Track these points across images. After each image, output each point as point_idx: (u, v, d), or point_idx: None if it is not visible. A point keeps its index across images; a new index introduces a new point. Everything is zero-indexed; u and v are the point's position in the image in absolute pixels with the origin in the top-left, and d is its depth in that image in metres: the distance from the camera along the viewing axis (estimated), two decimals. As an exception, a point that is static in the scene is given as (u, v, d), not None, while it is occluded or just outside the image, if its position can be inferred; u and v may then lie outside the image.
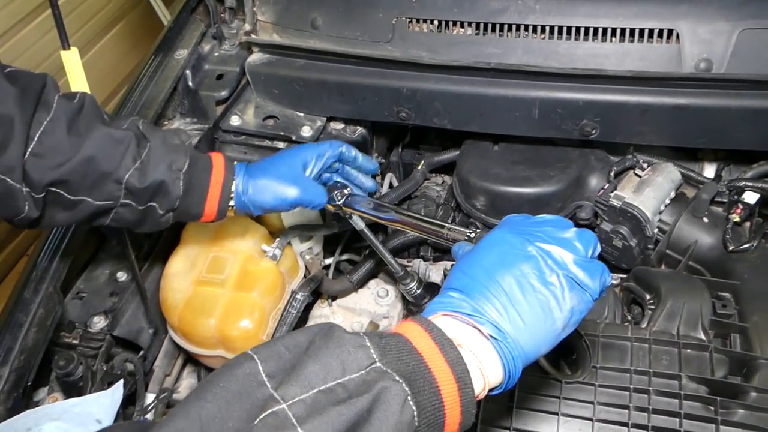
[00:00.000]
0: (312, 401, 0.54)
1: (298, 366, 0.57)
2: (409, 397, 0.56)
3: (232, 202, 1.03)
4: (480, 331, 0.64)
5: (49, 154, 0.86)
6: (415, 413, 0.56)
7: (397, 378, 0.57)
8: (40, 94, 0.86)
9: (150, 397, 1.23)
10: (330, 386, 0.55)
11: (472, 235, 0.82)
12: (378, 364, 0.57)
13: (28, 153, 0.84)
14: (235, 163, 1.06)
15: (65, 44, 1.07)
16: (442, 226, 0.87)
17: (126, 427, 0.62)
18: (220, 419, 0.54)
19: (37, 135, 0.85)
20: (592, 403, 0.94)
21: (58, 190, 0.88)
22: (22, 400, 1.08)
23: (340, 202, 1.02)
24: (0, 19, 2.57)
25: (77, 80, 1.08)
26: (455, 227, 0.85)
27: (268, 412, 0.53)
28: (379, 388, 0.56)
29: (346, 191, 1.02)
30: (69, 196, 0.89)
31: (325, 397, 0.54)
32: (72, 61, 1.07)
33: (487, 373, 0.64)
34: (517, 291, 0.66)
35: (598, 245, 0.74)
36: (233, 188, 1.02)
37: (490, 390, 0.65)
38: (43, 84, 0.88)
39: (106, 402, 1.08)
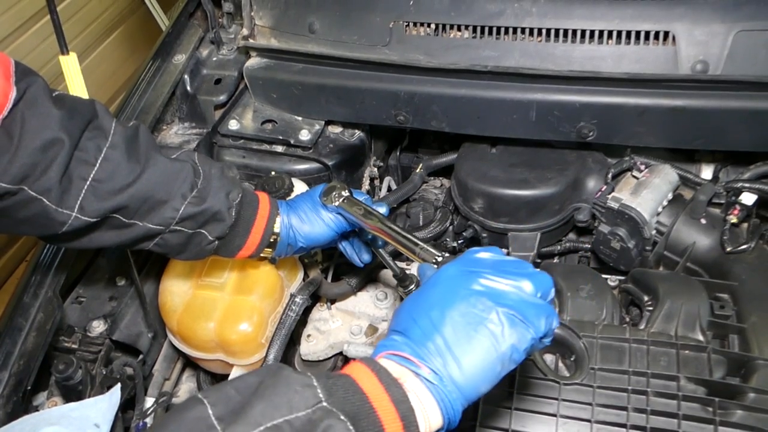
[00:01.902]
0: None
1: (246, 406, 0.58)
2: None
3: (274, 237, 1.05)
4: (419, 374, 0.65)
5: (109, 180, 0.87)
6: None
7: (342, 417, 0.58)
8: (91, 120, 0.87)
9: (149, 401, 1.23)
10: (277, 423, 0.57)
11: (440, 259, 0.83)
12: (324, 404, 0.59)
13: (90, 179, 0.85)
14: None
15: (64, 49, 1.07)
16: (416, 245, 0.88)
17: None
18: None
19: (99, 161, 0.86)
20: (590, 404, 0.94)
21: (114, 215, 0.89)
22: (21, 404, 1.08)
23: (336, 204, 1.03)
24: (0, 24, 2.58)
25: (76, 85, 1.09)
26: (427, 248, 0.86)
27: None
28: (324, 426, 0.57)
29: (344, 193, 1.03)
30: (124, 220, 0.91)
31: None
32: (71, 66, 1.08)
33: (428, 415, 0.65)
34: (454, 332, 0.66)
35: (552, 291, 0.73)
36: (278, 222, 1.05)
37: None
38: (93, 109, 0.89)
39: (104, 406, 1.08)
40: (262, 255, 1.07)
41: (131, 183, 0.88)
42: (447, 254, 0.83)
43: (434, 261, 0.84)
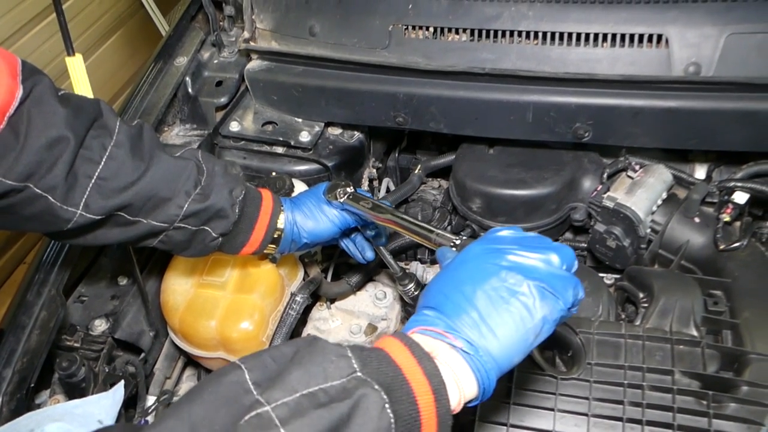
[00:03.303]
0: (295, 404, 0.57)
1: (283, 373, 0.60)
2: (386, 405, 0.59)
3: (278, 233, 1.07)
4: (454, 346, 0.67)
5: (114, 178, 0.88)
6: (393, 421, 0.59)
7: (376, 387, 0.60)
8: (96, 119, 0.88)
9: (151, 400, 1.24)
10: (312, 391, 0.58)
11: (458, 242, 0.85)
12: (358, 373, 0.60)
13: (95, 177, 0.86)
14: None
15: (70, 50, 1.08)
16: (432, 231, 0.90)
17: (121, 428, 0.65)
18: (209, 421, 0.57)
19: (104, 159, 0.87)
20: (587, 398, 0.95)
21: (119, 213, 0.91)
22: (24, 401, 1.09)
23: (341, 200, 1.04)
24: (2, 25, 2.59)
25: (81, 86, 1.10)
26: (443, 233, 0.88)
27: (252, 413, 0.56)
28: (359, 395, 0.58)
29: (348, 189, 1.05)
30: (128, 217, 0.92)
31: (307, 401, 0.57)
32: (76, 67, 1.09)
33: (463, 386, 0.66)
34: (488, 305, 0.68)
35: (576, 262, 0.75)
36: (282, 218, 1.07)
37: (467, 402, 0.68)
38: (98, 108, 0.90)
39: (107, 403, 1.09)
40: (265, 252, 1.08)
41: (135, 181, 0.90)
42: (465, 237, 0.84)
43: (452, 244, 0.85)
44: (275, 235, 1.07)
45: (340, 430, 0.57)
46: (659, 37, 1.14)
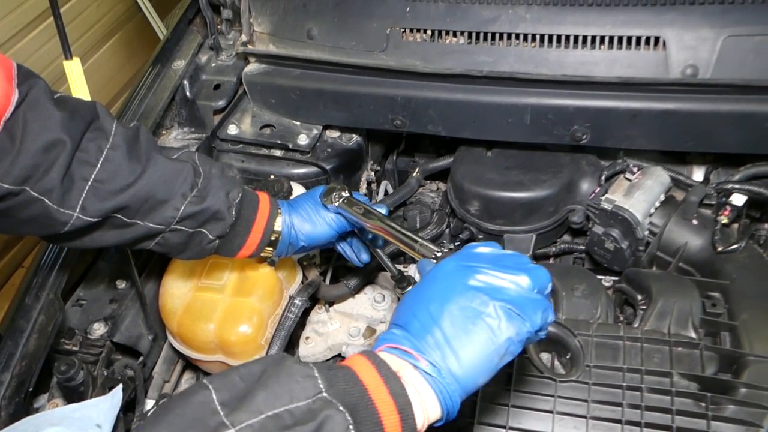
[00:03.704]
0: (260, 426, 0.57)
1: (249, 394, 0.60)
2: (351, 427, 0.60)
3: (275, 236, 1.07)
4: (418, 367, 0.67)
5: (110, 180, 0.88)
6: None
7: (341, 408, 0.60)
8: (92, 121, 0.88)
9: (149, 403, 1.24)
10: (277, 413, 0.59)
11: (438, 254, 0.85)
12: (324, 394, 0.61)
13: (91, 179, 0.86)
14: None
15: (68, 54, 1.08)
16: (416, 241, 0.90)
17: None
18: None
19: (100, 162, 0.87)
20: (586, 401, 0.95)
21: (116, 215, 0.91)
22: (23, 405, 1.08)
23: (336, 204, 1.05)
24: (0, 28, 2.59)
25: (79, 89, 1.10)
26: (427, 244, 0.89)
27: None
28: (323, 417, 0.59)
29: (344, 193, 1.05)
30: (125, 219, 0.92)
31: (272, 423, 0.58)
32: (74, 70, 1.09)
33: (427, 407, 0.66)
34: (452, 325, 0.68)
35: (550, 285, 0.75)
36: (279, 221, 1.07)
37: (431, 424, 0.68)
38: (94, 111, 0.90)
39: (106, 407, 1.09)
40: (262, 254, 1.08)
41: (132, 183, 0.89)
42: (446, 250, 0.85)
43: (434, 257, 0.85)
44: (272, 238, 1.07)
45: None
46: (656, 39, 1.15)
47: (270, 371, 0.63)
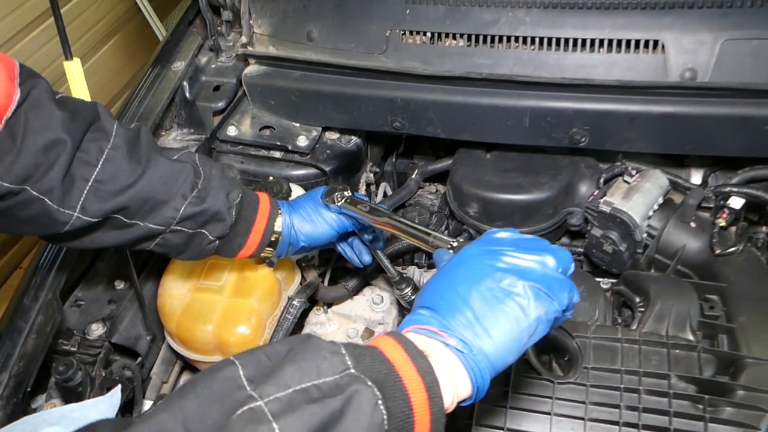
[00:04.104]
0: (287, 399, 0.57)
1: (276, 369, 0.60)
2: (379, 401, 0.59)
3: (275, 236, 1.07)
4: (448, 345, 0.67)
5: (111, 181, 0.88)
6: (385, 417, 0.59)
7: (369, 383, 0.60)
8: (93, 121, 0.89)
9: (148, 404, 1.24)
10: (305, 387, 0.58)
11: (455, 244, 0.85)
12: (351, 370, 0.61)
13: (92, 180, 0.86)
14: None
15: (68, 55, 1.09)
16: (429, 234, 0.91)
17: (112, 423, 0.64)
18: (201, 415, 0.57)
19: (101, 162, 0.87)
20: (584, 402, 0.96)
21: (116, 215, 0.91)
22: (21, 405, 1.08)
23: (339, 204, 1.05)
24: (0, 29, 2.59)
25: (79, 90, 1.10)
26: (440, 236, 0.89)
27: (245, 408, 0.56)
28: (352, 390, 0.59)
29: (346, 193, 1.05)
30: (125, 220, 0.92)
31: (300, 396, 0.57)
32: (74, 71, 1.09)
33: (456, 385, 0.66)
34: (483, 305, 0.68)
35: (572, 265, 0.75)
36: (279, 221, 1.07)
37: (460, 402, 0.68)
38: (95, 111, 0.90)
39: (104, 407, 1.09)
40: (262, 255, 1.08)
41: (132, 184, 0.90)
42: (462, 239, 0.85)
43: (450, 246, 0.85)
44: (272, 239, 1.07)
45: (332, 426, 0.57)
46: (655, 42, 1.15)
47: (296, 348, 0.62)
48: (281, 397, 0.57)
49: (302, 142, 1.42)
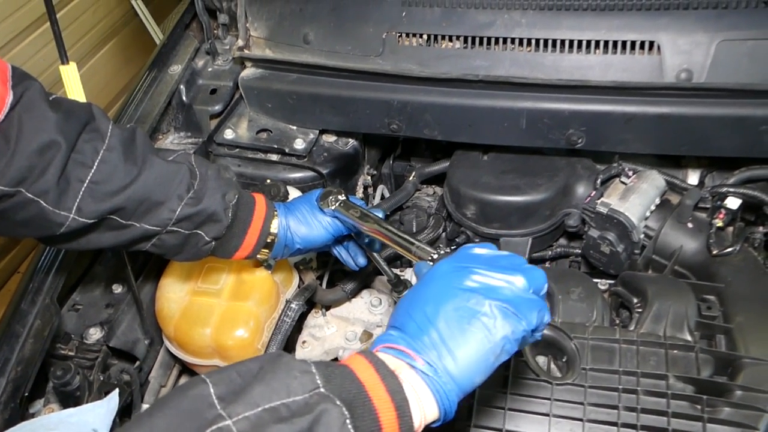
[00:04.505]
0: (256, 419, 0.58)
1: (247, 388, 0.60)
2: (348, 421, 0.60)
3: (271, 238, 1.07)
4: (414, 366, 0.67)
5: (106, 182, 0.88)
6: None
7: (338, 402, 0.60)
8: (88, 122, 0.88)
9: (146, 408, 1.23)
10: (274, 405, 0.59)
11: (435, 256, 0.86)
12: (321, 389, 0.61)
13: (87, 181, 0.86)
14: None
15: (64, 59, 1.08)
16: (412, 244, 0.91)
17: None
18: None
19: (96, 163, 0.87)
20: (582, 403, 0.96)
21: (112, 216, 0.91)
22: (19, 410, 1.08)
23: (332, 207, 1.05)
24: (-3, 33, 2.60)
25: (76, 94, 1.10)
26: (423, 246, 0.89)
27: (214, 427, 0.56)
28: (320, 410, 0.59)
29: (340, 197, 1.05)
30: (121, 221, 0.92)
31: (268, 416, 0.58)
32: (71, 75, 1.09)
33: (424, 407, 0.66)
34: (448, 325, 0.68)
35: (545, 285, 0.75)
36: (275, 223, 1.07)
37: (429, 424, 0.68)
38: (89, 112, 0.90)
39: (102, 411, 1.09)
40: (258, 257, 1.08)
41: (128, 185, 0.89)
42: (442, 252, 0.85)
43: (430, 258, 0.86)
44: (268, 240, 1.07)
45: None
46: (651, 43, 1.15)
47: (267, 367, 0.63)
48: (250, 416, 0.57)
49: (299, 144, 1.42)
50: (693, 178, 1.30)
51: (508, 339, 0.68)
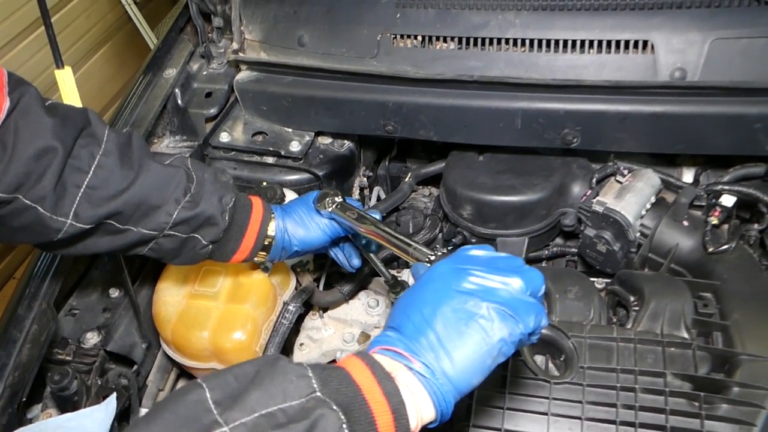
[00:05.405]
0: (253, 424, 0.58)
1: (243, 393, 0.60)
2: (344, 425, 0.60)
3: (268, 240, 1.07)
4: (411, 368, 0.67)
5: (103, 187, 0.88)
6: None
7: (334, 407, 0.60)
8: (84, 127, 0.88)
9: (144, 412, 1.23)
10: (271, 411, 0.59)
11: (432, 257, 0.85)
12: (317, 393, 0.61)
13: (84, 186, 0.86)
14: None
15: (59, 63, 1.08)
16: (409, 245, 0.91)
17: None
18: None
19: (92, 168, 0.87)
20: (580, 402, 0.96)
21: (109, 221, 0.90)
22: (16, 416, 1.08)
23: (329, 209, 1.05)
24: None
25: (71, 98, 1.10)
26: (420, 248, 0.89)
27: None
28: (317, 415, 0.59)
29: (337, 199, 1.05)
30: (118, 226, 0.92)
31: (265, 421, 0.58)
32: (66, 79, 1.09)
33: (421, 408, 0.66)
34: (446, 327, 0.68)
35: (543, 287, 0.75)
36: (272, 225, 1.07)
37: (425, 425, 0.68)
38: (86, 117, 0.90)
39: (100, 416, 1.08)
40: (256, 259, 1.08)
41: (125, 189, 0.89)
42: (439, 253, 0.85)
43: (427, 260, 0.86)
44: (265, 243, 1.07)
45: None
46: (645, 43, 1.16)
47: (264, 371, 0.63)
48: (247, 422, 0.57)
49: (295, 147, 1.42)
50: (688, 176, 1.31)
51: (505, 341, 0.68)
